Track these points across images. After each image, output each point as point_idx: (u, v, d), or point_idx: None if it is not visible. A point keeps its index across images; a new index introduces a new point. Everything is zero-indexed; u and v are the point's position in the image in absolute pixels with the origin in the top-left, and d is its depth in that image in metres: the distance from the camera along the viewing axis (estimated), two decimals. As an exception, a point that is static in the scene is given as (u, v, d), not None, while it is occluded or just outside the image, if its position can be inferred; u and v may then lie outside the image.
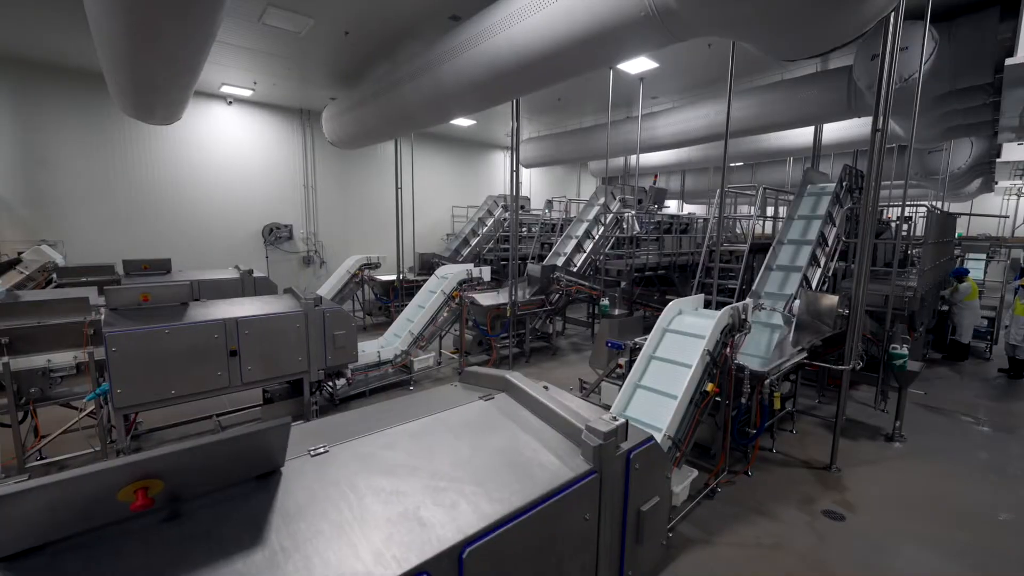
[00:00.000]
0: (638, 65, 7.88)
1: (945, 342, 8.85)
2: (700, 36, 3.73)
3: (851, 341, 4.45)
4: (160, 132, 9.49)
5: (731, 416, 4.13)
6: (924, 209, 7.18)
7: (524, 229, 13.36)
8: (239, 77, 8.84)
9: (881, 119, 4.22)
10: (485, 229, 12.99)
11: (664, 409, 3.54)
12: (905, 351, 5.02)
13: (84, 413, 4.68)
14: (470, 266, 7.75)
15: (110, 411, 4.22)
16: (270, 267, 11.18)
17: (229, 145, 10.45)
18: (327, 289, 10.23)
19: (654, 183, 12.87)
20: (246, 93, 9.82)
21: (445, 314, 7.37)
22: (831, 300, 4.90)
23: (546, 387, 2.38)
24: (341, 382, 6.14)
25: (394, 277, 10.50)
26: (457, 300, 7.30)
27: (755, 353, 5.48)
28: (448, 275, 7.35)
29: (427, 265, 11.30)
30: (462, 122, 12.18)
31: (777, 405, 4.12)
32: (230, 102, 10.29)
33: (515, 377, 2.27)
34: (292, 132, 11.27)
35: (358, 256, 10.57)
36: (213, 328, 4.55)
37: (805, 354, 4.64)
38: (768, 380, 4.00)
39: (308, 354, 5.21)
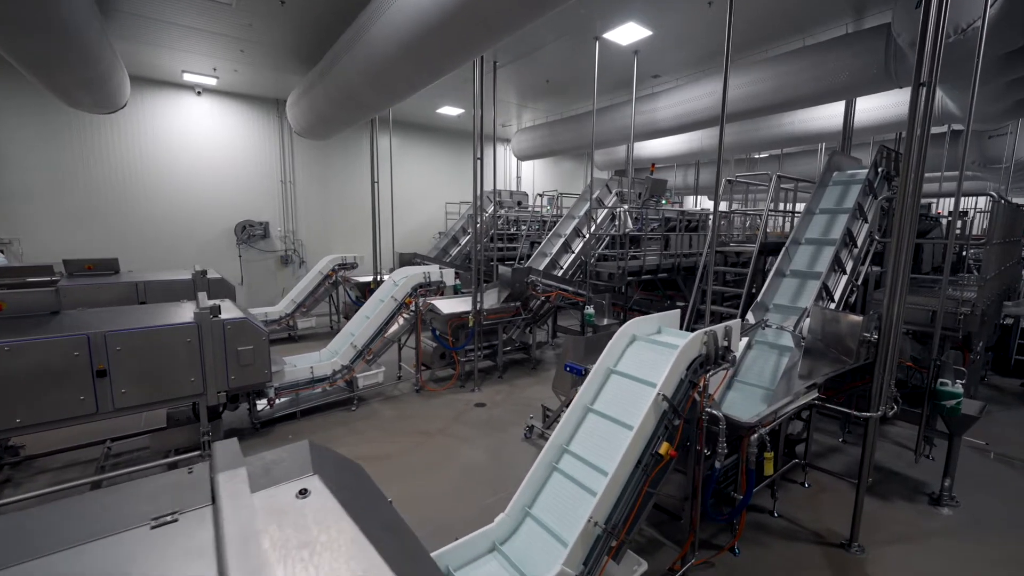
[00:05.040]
0: (628, 34, 6.72)
1: (1009, 363, 7.31)
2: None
3: (881, 379, 3.24)
4: (125, 125, 8.95)
5: (704, 477, 3.02)
6: (983, 203, 5.72)
7: (524, 227, 12.33)
8: (195, 63, 8.16)
9: (926, 70, 3.01)
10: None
11: (597, 485, 2.47)
12: (959, 388, 3.76)
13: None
14: (430, 268, 6.81)
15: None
16: (244, 267, 10.54)
17: (200, 137, 9.84)
18: (299, 291, 9.54)
19: (651, 173, 11.56)
20: (211, 81, 9.17)
21: (400, 322, 6.46)
22: (854, 321, 3.69)
23: (305, 492, 1.38)
24: (262, 403, 5.32)
25: (371, 278, 9.67)
26: (412, 308, 6.38)
27: (757, 383, 4.32)
28: (402, 279, 6.42)
29: (408, 265, 10.43)
30: (450, 111, 11.24)
31: (769, 470, 2.97)
32: (199, 92, 9.68)
33: (229, 479, 1.27)
34: (267, 123, 10.58)
35: (332, 256, 9.86)
36: (72, 344, 3.75)
37: (816, 392, 3.46)
38: (756, 435, 2.86)
39: (203, 374, 4.38)
